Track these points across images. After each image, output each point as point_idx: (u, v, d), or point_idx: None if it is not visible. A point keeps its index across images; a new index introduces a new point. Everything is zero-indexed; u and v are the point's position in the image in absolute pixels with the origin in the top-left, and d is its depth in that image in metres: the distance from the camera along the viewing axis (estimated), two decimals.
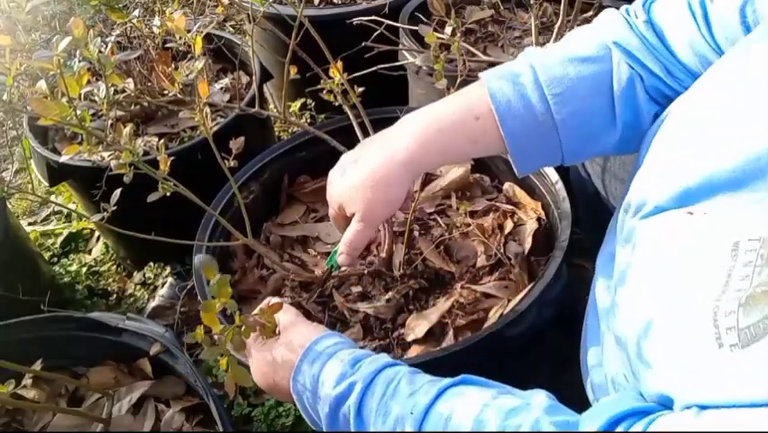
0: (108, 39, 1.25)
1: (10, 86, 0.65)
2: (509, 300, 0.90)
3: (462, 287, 0.92)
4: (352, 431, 0.57)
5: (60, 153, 1.24)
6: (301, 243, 1.07)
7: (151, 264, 1.50)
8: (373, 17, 1.22)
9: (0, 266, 1.22)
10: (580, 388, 0.67)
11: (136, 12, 1.05)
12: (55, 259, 1.60)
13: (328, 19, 1.55)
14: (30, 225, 1.71)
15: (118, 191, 0.75)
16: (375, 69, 1.11)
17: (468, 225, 1.00)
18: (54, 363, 0.92)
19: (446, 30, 0.82)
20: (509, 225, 1.00)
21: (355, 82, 0.95)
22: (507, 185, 1.07)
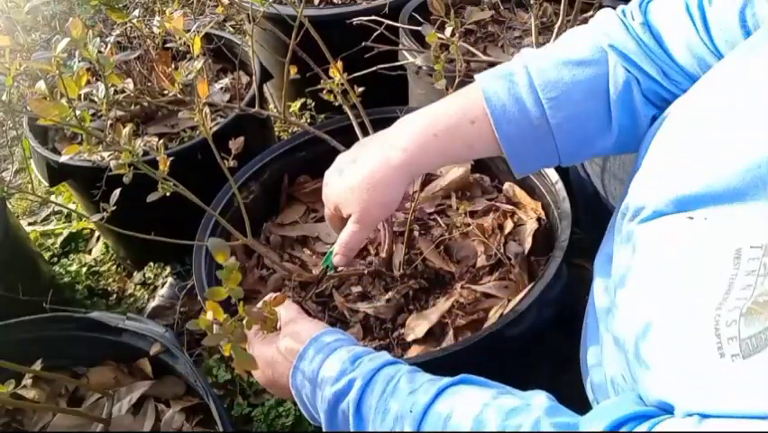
0: (108, 39, 1.24)
1: (10, 86, 0.65)
2: (509, 300, 0.90)
3: (462, 287, 0.92)
4: (350, 430, 0.57)
5: (60, 153, 1.24)
6: (301, 243, 1.07)
7: (151, 264, 1.50)
8: (373, 17, 1.22)
9: (0, 266, 1.22)
10: (580, 388, 0.67)
11: (136, 12, 1.05)
12: (55, 259, 1.60)
13: (328, 19, 1.55)
14: (30, 225, 1.71)
15: (118, 191, 0.75)
16: (375, 69, 1.11)
17: (468, 225, 1.00)
18: (54, 363, 0.92)
19: (446, 30, 0.82)
20: (509, 225, 1.00)
21: (355, 82, 0.95)
22: (507, 185, 1.07)
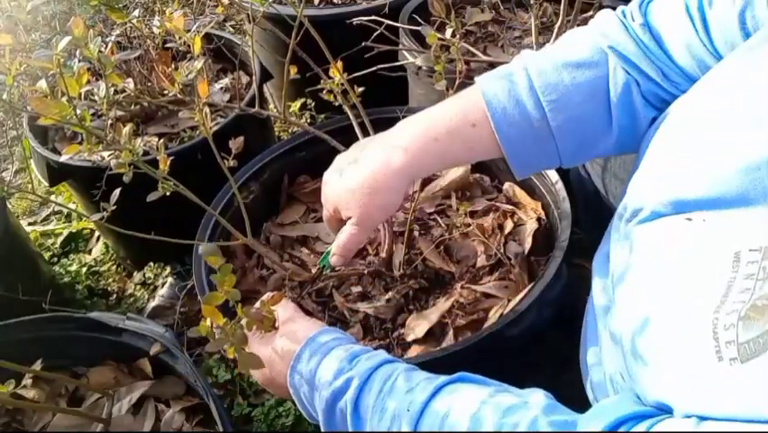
0: (108, 39, 1.25)
1: (10, 85, 0.65)
2: (509, 300, 0.90)
3: (462, 287, 0.92)
4: (348, 429, 0.57)
5: (60, 153, 1.24)
6: (301, 243, 1.07)
7: (151, 264, 1.50)
8: (373, 17, 1.22)
9: (0, 266, 1.22)
10: (580, 388, 0.67)
11: (136, 12, 1.05)
12: (55, 259, 1.60)
13: (328, 19, 1.55)
14: (30, 225, 1.71)
15: (118, 191, 0.75)
16: (375, 69, 1.11)
17: (468, 225, 1.00)
18: (54, 363, 0.92)
19: (447, 32, 0.82)
20: (509, 225, 1.00)
21: (355, 82, 0.95)
22: (507, 185, 1.07)
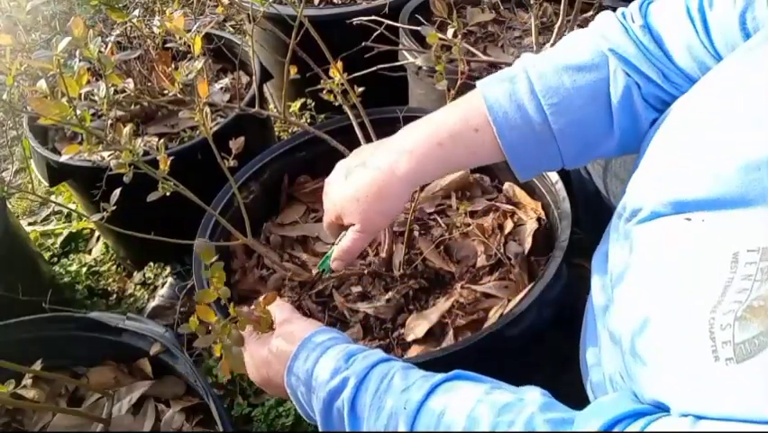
0: (108, 39, 1.25)
1: (10, 86, 0.65)
2: (509, 300, 0.90)
3: (462, 287, 0.92)
4: (345, 429, 0.57)
5: (60, 153, 1.24)
6: (301, 243, 1.07)
7: (151, 264, 1.50)
8: (373, 17, 1.22)
9: (0, 266, 1.22)
10: (580, 388, 0.67)
11: (136, 12, 1.05)
12: (55, 259, 1.60)
13: (328, 19, 1.55)
14: (30, 225, 1.71)
15: (118, 191, 0.75)
16: (375, 69, 1.11)
17: (468, 225, 1.00)
18: (54, 363, 0.92)
19: (448, 32, 0.82)
20: (509, 225, 1.00)
21: (355, 82, 0.95)
22: (507, 185, 1.07)
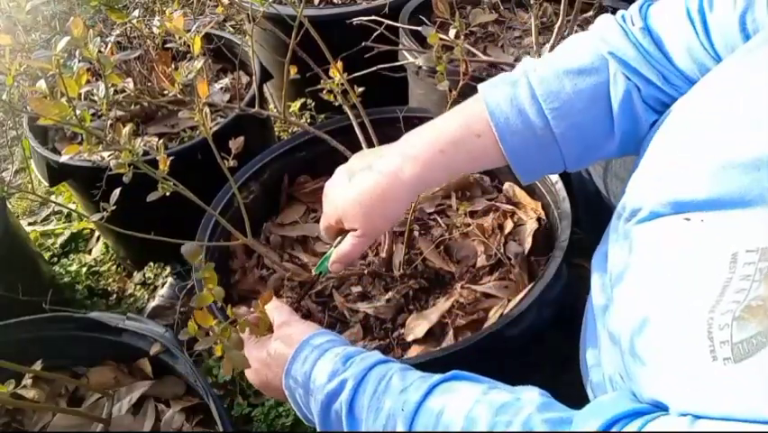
0: (108, 39, 1.24)
1: (10, 86, 0.65)
2: (509, 300, 0.90)
3: (462, 287, 0.92)
4: (344, 430, 0.58)
5: (60, 153, 1.24)
6: (301, 243, 1.07)
7: (151, 264, 1.50)
8: (373, 17, 1.22)
9: (0, 266, 1.22)
10: (580, 388, 0.67)
11: (136, 12, 1.05)
12: (55, 259, 1.60)
13: (328, 19, 1.55)
14: (30, 225, 1.71)
15: (118, 191, 0.75)
16: (375, 68, 1.11)
17: (468, 225, 1.00)
18: (54, 363, 0.92)
19: (450, 32, 0.82)
20: (509, 225, 1.00)
21: (355, 82, 0.95)
22: (507, 185, 1.07)
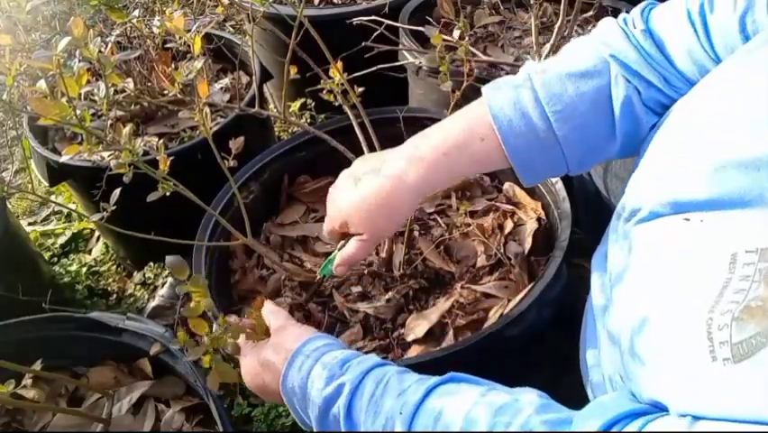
0: (108, 39, 1.24)
1: (10, 86, 0.65)
2: (509, 300, 0.90)
3: (462, 287, 0.92)
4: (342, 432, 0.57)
5: (60, 153, 1.24)
6: (301, 243, 1.07)
7: (151, 264, 1.50)
8: (373, 17, 1.22)
9: (0, 266, 1.22)
10: (580, 388, 0.67)
11: (136, 12, 1.05)
12: (55, 259, 1.60)
13: (328, 19, 1.55)
14: (30, 225, 1.71)
15: (118, 191, 0.75)
16: (375, 68, 1.11)
17: (468, 225, 1.00)
18: (54, 363, 0.92)
19: (454, 33, 0.82)
20: (509, 225, 1.00)
21: (355, 82, 0.95)
22: (507, 185, 1.07)
